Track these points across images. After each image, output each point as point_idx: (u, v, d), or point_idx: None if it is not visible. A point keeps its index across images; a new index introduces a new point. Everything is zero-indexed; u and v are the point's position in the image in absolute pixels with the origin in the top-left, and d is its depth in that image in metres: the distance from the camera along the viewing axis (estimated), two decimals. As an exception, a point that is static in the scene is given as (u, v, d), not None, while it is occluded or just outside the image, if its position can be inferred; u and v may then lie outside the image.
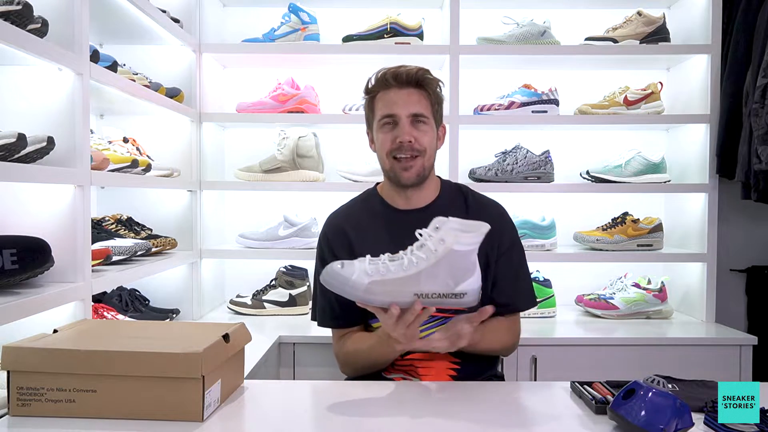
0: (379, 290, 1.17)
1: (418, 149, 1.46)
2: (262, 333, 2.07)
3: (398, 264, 1.18)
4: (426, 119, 1.47)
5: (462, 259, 1.18)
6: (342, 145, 2.59)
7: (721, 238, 2.36)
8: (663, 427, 0.96)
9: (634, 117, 2.39)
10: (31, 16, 1.31)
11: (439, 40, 2.51)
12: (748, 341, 2.10)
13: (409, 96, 1.45)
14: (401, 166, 1.46)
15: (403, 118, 1.45)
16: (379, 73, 1.48)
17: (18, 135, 1.25)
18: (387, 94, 1.46)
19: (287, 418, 1.15)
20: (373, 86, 1.49)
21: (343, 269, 1.18)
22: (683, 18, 2.48)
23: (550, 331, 2.18)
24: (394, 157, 1.47)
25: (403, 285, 1.17)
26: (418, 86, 1.46)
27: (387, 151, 1.47)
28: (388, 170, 1.50)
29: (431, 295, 1.18)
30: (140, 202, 2.25)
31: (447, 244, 1.17)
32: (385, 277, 1.17)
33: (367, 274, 1.17)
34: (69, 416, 1.06)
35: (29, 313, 1.27)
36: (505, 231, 1.52)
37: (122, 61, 1.90)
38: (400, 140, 1.44)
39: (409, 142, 1.44)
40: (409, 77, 1.45)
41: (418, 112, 1.45)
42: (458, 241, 1.17)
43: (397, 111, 1.45)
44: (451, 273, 1.18)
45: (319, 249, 1.57)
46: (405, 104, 1.45)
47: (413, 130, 1.45)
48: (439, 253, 1.17)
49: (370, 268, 1.17)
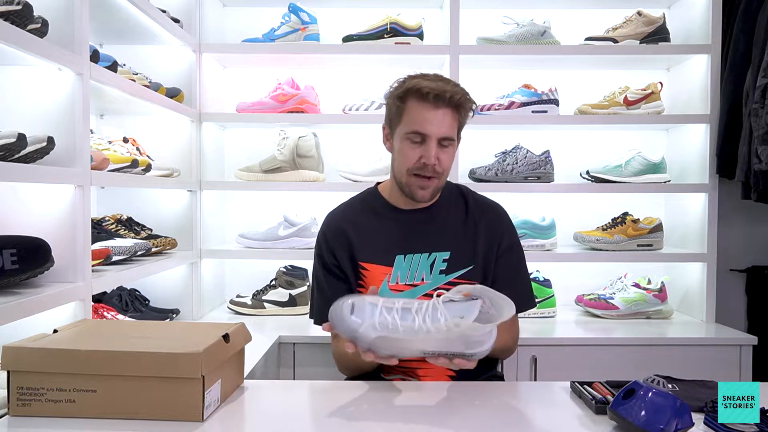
0: (384, 345, 1.13)
1: (439, 172, 1.44)
2: (262, 333, 2.07)
3: (408, 326, 1.11)
4: (453, 142, 1.44)
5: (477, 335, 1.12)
6: (342, 145, 2.59)
7: (721, 238, 2.35)
8: (663, 427, 0.96)
9: (634, 117, 2.39)
10: (31, 16, 1.31)
11: (439, 40, 2.51)
12: (748, 341, 2.10)
13: (444, 117, 1.40)
14: (419, 184, 1.44)
15: (433, 138, 1.40)
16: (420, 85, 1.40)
17: (18, 135, 1.25)
18: (422, 108, 1.40)
19: (287, 418, 1.15)
20: (407, 93, 1.42)
21: (353, 317, 1.13)
22: (683, 18, 2.48)
23: (550, 331, 2.18)
24: (414, 174, 1.44)
25: (410, 344, 1.12)
26: (454, 108, 1.41)
27: (409, 167, 1.43)
28: (404, 184, 1.46)
29: (439, 354, 1.14)
30: (140, 202, 2.25)
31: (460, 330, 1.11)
32: (393, 335, 1.11)
33: (375, 329, 1.12)
34: (69, 416, 1.06)
35: (29, 313, 1.27)
36: (505, 232, 1.52)
37: (122, 61, 1.90)
38: (425, 161, 1.41)
39: (433, 165, 1.41)
40: (451, 101, 1.40)
41: (448, 135, 1.42)
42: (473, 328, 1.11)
43: (429, 131, 1.40)
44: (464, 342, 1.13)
45: (318, 247, 1.56)
46: (439, 126, 1.40)
47: (440, 152, 1.42)
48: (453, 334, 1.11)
49: (379, 324, 1.11)
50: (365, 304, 1.13)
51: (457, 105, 1.41)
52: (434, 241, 1.48)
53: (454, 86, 1.42)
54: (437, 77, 1.43)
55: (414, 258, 1.46)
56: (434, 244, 1.47)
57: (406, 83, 1.43)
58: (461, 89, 1.42)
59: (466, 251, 1.47)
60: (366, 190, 1.61)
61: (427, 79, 1.41)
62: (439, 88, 1.39)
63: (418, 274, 1.46)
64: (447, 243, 1.47)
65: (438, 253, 1.47)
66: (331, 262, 1.51)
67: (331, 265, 1.51)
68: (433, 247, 1.47)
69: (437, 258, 1.46)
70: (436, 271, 1.46)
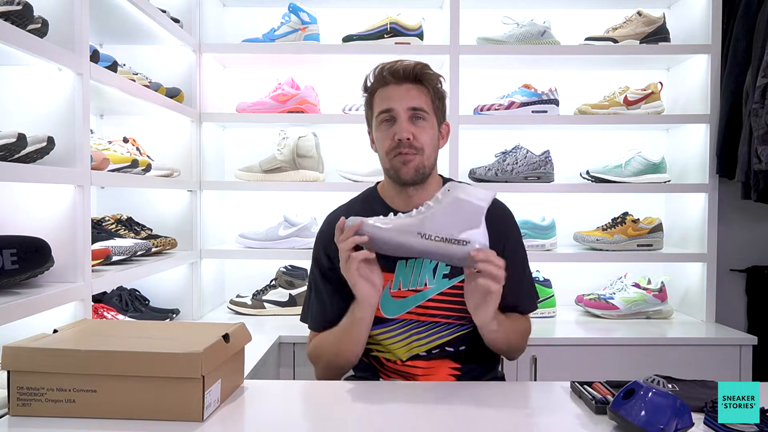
0: (385, 225, 1.23)
1: (417, 147, 1.40)
2: (262, 333, 2.07)
3: (407, 214, 1.26)
4: (425, 114, 1.41)
5: (468, 207, 1.22)
6: (342, 145, 2.59)
7: (721, 238, 2.36)
8: (663, 427, 0.96)
9: (634, 117, 2.39)
10: (31, 16, 1.31)
11: (439, 40, 2.51)
12: (748, 341, 2.10)
13: (408, 91, 1.41)
14: (400, 160, 1.41)
15: (401, 113, 1.40)
16: (377, 69, 1.45)
17: (18, 135, 1.25)
18: (385, 91, 1.42)
19: (287, 418, 1.15)
20: (372, 84, 1.45)
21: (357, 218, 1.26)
22: (683, 18, 2.49)
23: (550, 331, 2.18)
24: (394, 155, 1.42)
25: (407, 227, 1.22)
26: (416, 81, 1.41)
27: (386, 149, 1.43)
28: (389, 168, 1.45)
29: (434, 237, 1.20)
30: (140, 202, 2.25)
31: (453, 193, 1.22)
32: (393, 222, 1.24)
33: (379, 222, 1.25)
34: (69, 416, 1.06)
35: (29, 313, 1.27)
36: (511, 232, 1.49)
37: (122, 61, 1.90)
38: (398, 137, 1.39)
39: (408, 140, 1.39)
40: (407, 72, 1.41)
41: (417, 105, 1.40)
42: (465, 191, 1.22)
43: (394, 105, 1.40)
44: (456, 220, 1.21)
45: (315, 250, 1.52)
46: (402, 99, 1.40)
47: (411, 126, 1.40)
48: (445, 201, 1.22)
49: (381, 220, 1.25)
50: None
51: (417, 77, 1.41)
52: None
53: (413, 63, 1.44)
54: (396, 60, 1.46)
55: (416, 262, 1.43)
56: None
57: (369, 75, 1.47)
58: (419, 62, 1.44)
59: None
60: (366, 191, 1.58)
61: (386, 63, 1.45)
62: (392, 64, 1.43)
63: (421, 279, 1.42)
64: None
65: None
66: (327, 265, 1.47)
67: (326, 269, 1.47)
68: None
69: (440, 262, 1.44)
70: (439, 275, 1.42)
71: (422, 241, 1.21)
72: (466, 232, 1.20)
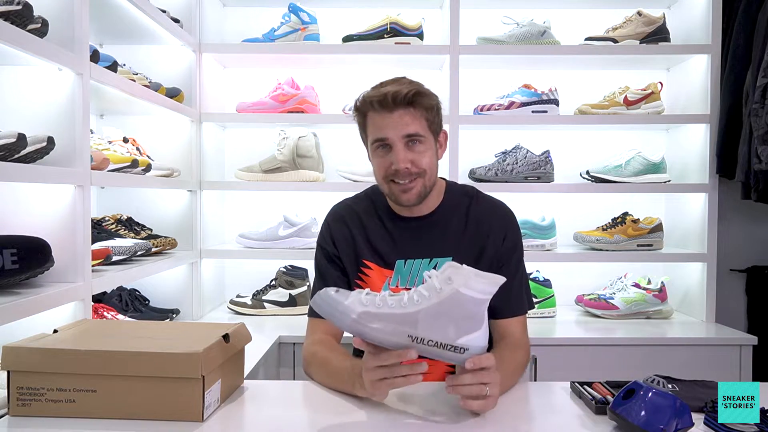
0: (371, 322, 1.03)
1: (417, 172, 1.37)
2: (262, 333, 2.07)
3: (397, 299, 1.05)
4: (422, 138, 1.37)
5: (469, 305, 1.04)
6: (342, 145, 2.59)
7: (721, 238, 2.35)
8: (663, 427, 0.96)
9: (634, 117, 2.39)
10: (31, 16, 1.31)
11: (439, 40, 2.51)
12: (748, 341, 2.10)
13: (401, 118, 1.34)
14: (400, 189, 1.39)
15: (396, 141, 1.35)
16: (367, 97, 1.37)
17: (18, 135, 1.25)
18: (377, 117, 1.36)
19: (287, 418, 1.15)
20: (362, 106, 1.39)
21: (338, 294, 1.06)
22: (683, 18, 2.49)
23: (550, 331, 2.18)
24: (391, 180, 1.40)
25: (397, 322, 1.03)
26: (409, 105, 1.35)
27: (383, 176, 1.40)
28: (388, 193, 1.43)
29: (428, 342, 1.03)
30: (140, 202, 2.25)
31: (454, 285, 1.03)
32: (381, 310, 1.04)
33: (362, 304, 1.04)
34: (69, 416, 1.06)
35: (29, 313, 1.27)
36: (509, 232, 1.49)
37: (122, 61, 1.90)
38: (395, 168, 1.36)
39: (406, 168, 1.36)
40: (398, 101, 1.33)
41: (412, 132, 1.35)
42: (467, 284, 1.03)
43: (388, 134, 1.35)
44: (455, 320, 1.03)
45: (320, 237, 1.53)
46: (396, 128, 1.35)
47: (409, 153, 1.36)
48: (444, 293, 1.03)
49: (366, 299, 1.05)
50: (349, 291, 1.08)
51: (409, 102, 1.35)
52: (436, 247, 1.45)
53: (402, 85, 1.36)
54: (392, 81, 1.39)
55: (414, 263, 1.44)
56: (436, 250, 1.45)
57: (359, 98, 1.41)
58: (413, 85, 1.36)
59: (468, 256, 1.44)
60: (371, 187, 1.57)
61: (375, 88, 1.38)
62: (381, 93, 1.34)
63: (419, 280, 1.43)
64: (449, 248, 1.45)
65: (440, 258, 1.44)
66: (332, 252, 1.49)
67: (332, 255, 1.49)
68: (434, 253, 1.45)
69: (439, 264, 1.43)
70: None
71: (415, 345, 1.04)
72: (465, 337, 1.04)
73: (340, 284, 1.45)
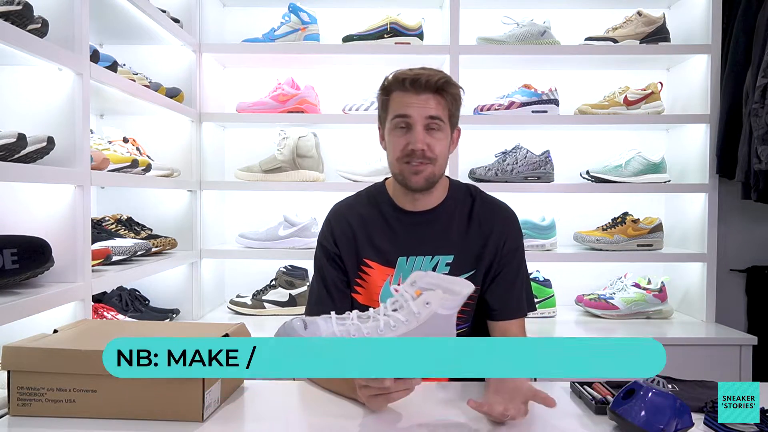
0: None
1: (431, 157, 1.39)
2: (262, 333, 2.07)
3: (372, 326, 1.04)
4: (441, 124, 1.40)
5: (442, 322, 1.06)
6: (342, 145, 2.59)
7: (721, 238, 2.36)
8: (663, 427, 0.97)
9: (634, 117, 2.39)
10: (31, 16, 1.31)
11: (439, 40, 2.51)
12: (748, 341, 2.10)
13: (426, 101, 1.38)
14: (411, 169, 1.41)
15: (417, 121, 1.38)
16: (399, 74, 1.41)
17: (18, 135, 1.25)
18: (403, 96, 1.39)
19: (287, 418, 1.15)
20: (390, 85, 1.42)
21: (307, 330, 1.02)
22: (683, 18, 2.49)
23: (550, 331, 2.18)
24: (405, 161, 1.41)
25: None
26: (437, 92, 1.39)
27: (398, 156, 1.42)
28: (398, 173, 1.44)
29: None
30: (140, 202, 2.25)
31: (432, 308, 1.05)
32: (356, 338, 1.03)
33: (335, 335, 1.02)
34: (69, 416, 1.06)
35: (29, 313, 1.27)
36: (511, 235, 1.49)
37: (122, 61, 1.90)
38: (412, 147, 1.38)
39: (422, 150, 1.38)
40: (429, 85, 1.38)
41: (434, 114, 1.39)
42: (443, 305, 1.06)
43: (411, 112, 1.38)
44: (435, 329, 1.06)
45: (321, 236, 1.53)
46: (420, 108, 1.38)
47: (427, 136, 1.39)
48: (422, 316, 1.04)
49: (339, 329, 1.03)
50: (316, 319, 1.05)
51: (438, 88, 1.39)
52: (438, 244, 1.46)
53: (435, 72, 1.40)
54: (422, 68, 1.43)
55: (416, 260, 1.45)
56: (438, 247, 1.45)
57: (389, 77, 1.44)
58: (443, 74, 1.41)
59: (469, 254, 1.45)
60: (374, 185, 1.58)
61: (409, 70, 1.42)
62: (416, 73, 1.38)
63: None
64: (451, 246, 1.45)
65: (441, 256, 1.45)
66: (333, 251, 1.48)
67: (332, 254, 1.49)
68: (436, 250, 1.45)
69: (440, 261, 1.44)
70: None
71: None
72: None
73: (339, 284, 1.46)
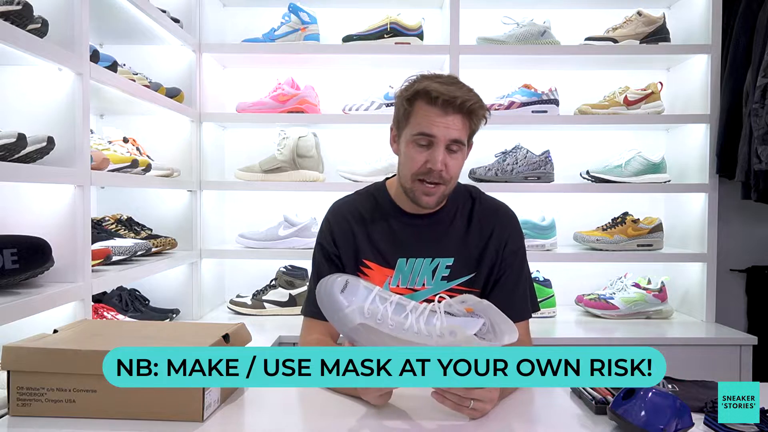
0: (366, 335, 1.04)
1: (446, 178, 1.37)
2: (262, 333, 2.07)
3: (399, 321, 1.04)
4: (461, 146, 1.37)
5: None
6: (342, 145, 2.59)
7: (721, 238, 2.36)
8: (663, 428, 0.96)
9: (634, 117, 2.39)
10: (31, 16, 1.31)
11: (439, 40, 2.51)
12: (748, 341, 2.10)
13: (453, 122, 1.34)
14: (423, 190, 1.39)
15: (441, 143, 1.34)
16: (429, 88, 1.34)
17: (18, 135, 1.25)
18: (430, 112, 1.34)
19: (287, 418, 1.15)
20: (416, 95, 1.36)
21: (342, 294, 1.04)
22: (683, 18, 2.49)
23: (550, 331, 2.18)
24: (420, 179, 1.39)
25: (391, 343, 1.04)
26: (465, 114, 1.35)
27: (414, 171, 1.38)
28: (409, 189, 1.42)
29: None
30: (140, 202, 2.25)
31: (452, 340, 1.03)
32: (379, 327, 1.04)
33: (363, 315, 1.04)
34: (69, 416, 1.06)
35: (29, 313, 1.27)
36: (512, 237, 1.48)
37: (122, 61, 1.90)
38: (431, 167, 1.35)
39: (440, 171, 1.35)
40: (462, 108, 1.33)
41: (458, 138, 1.35)
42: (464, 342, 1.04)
43: (437, 133, 1.34)
44: None
45: (320, 235, 1.51)
46: (446, 130, 1.34)
47: (447, 157, 1.36)
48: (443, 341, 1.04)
49: (369, 310, 1.04)
50: (359, 285, 1.06)
51: (469, 111, 1.35)
52: (438, 247, 1.45)
53: (467, 92, 1.35)
54: (451, 80, 1.38)
55: (416, 262, 1.43)
56: (438, 249, 1.44)
57: (416, 85, 1.37)
58: (475, 95, 1.36)
59: (470, 258, 1.44)
60: (374, 185, 1.56)
61: (438, 81, 1.35)
62: (449, 92, 1.32)
63: (419, 279, 1.43)
64: (451, 249, 1.44)
65: (441, 259, 1.44)
66: (332, 251, 1.47)
67: (331, 254, 1.47)
68: (436, 253, 1.44)
69: (440, 264, 1.43)
70: (438, 278, 1.43)
71: None
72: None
73: None
